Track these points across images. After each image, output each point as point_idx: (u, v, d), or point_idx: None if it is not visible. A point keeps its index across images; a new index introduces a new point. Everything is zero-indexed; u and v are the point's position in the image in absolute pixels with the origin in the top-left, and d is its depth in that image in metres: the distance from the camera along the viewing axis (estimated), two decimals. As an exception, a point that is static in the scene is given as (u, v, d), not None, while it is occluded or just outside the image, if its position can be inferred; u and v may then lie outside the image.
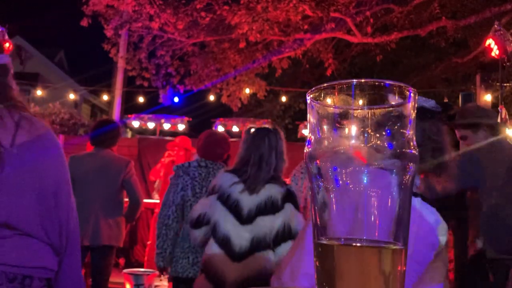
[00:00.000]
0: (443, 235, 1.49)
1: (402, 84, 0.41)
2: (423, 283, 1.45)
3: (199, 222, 2.36)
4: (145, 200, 5.60)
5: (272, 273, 2.27)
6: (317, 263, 0.42)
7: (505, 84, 6.65)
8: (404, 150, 0.41)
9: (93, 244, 3.59)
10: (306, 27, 7.71)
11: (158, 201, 5.90)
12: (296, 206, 2.37)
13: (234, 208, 2.28)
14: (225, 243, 2.26)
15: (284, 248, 2.26)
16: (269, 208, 2.28)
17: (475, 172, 2.51)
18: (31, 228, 1.36)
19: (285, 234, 2.28)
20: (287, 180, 3.02)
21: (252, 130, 2.50)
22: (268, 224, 2.27)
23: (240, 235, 2.25)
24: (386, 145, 0.40)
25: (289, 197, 2.35)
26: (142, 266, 5.38)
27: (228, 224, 2.27)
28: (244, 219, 2.27)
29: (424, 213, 1.49)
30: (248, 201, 2.29)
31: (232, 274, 2.23)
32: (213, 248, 2.29)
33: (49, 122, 1.55)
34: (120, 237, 3.75)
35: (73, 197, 1.51)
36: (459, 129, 2.81)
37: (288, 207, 2.32)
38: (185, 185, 2.96)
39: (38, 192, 1.39)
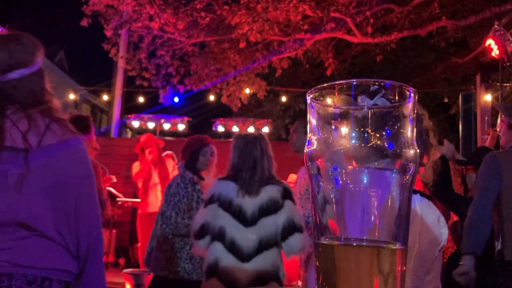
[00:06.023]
0: (443, 227, 1.51)
1: (402, 84, 0.41)
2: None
3: (202, 232, 2.48)
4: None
5: (280, 267, 2.46)
6: (317, 263, 0.42)
7: (505, 84, 6.65)
8: (404, 150, 0.41)
9: None
10: (306, 27, 7.69)
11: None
12: (294, 201, 2.58)
13: (237, 213, 2.46)
14: (232, 246, 2.43)
15: (293, 240, 2.45)
16: (271, 208, 2.47)
17: (495, 173, 2.52)
18: (48, 231, 1.35)
19: (290, 228, 2.46)
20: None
21: (242, 136, 2.69)
22: (273, 224, 2.46)
23: (246, 237, 2.43)
24: (386, 145, 0.40)
25: (287, 194, 2.54)
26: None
27: (233, 229, 2.44)
28: (249, 222, 2.45)
29: (425, 210, 1.50)
30: (249, 205, 2.47)
31: (244, 274, 2.40)
32: (220, 253, 2.44)
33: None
34: None
35: (99, 208, 1.48)
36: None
37: (287, 203, 2.51)
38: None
39: (56, 196, 1.36)
